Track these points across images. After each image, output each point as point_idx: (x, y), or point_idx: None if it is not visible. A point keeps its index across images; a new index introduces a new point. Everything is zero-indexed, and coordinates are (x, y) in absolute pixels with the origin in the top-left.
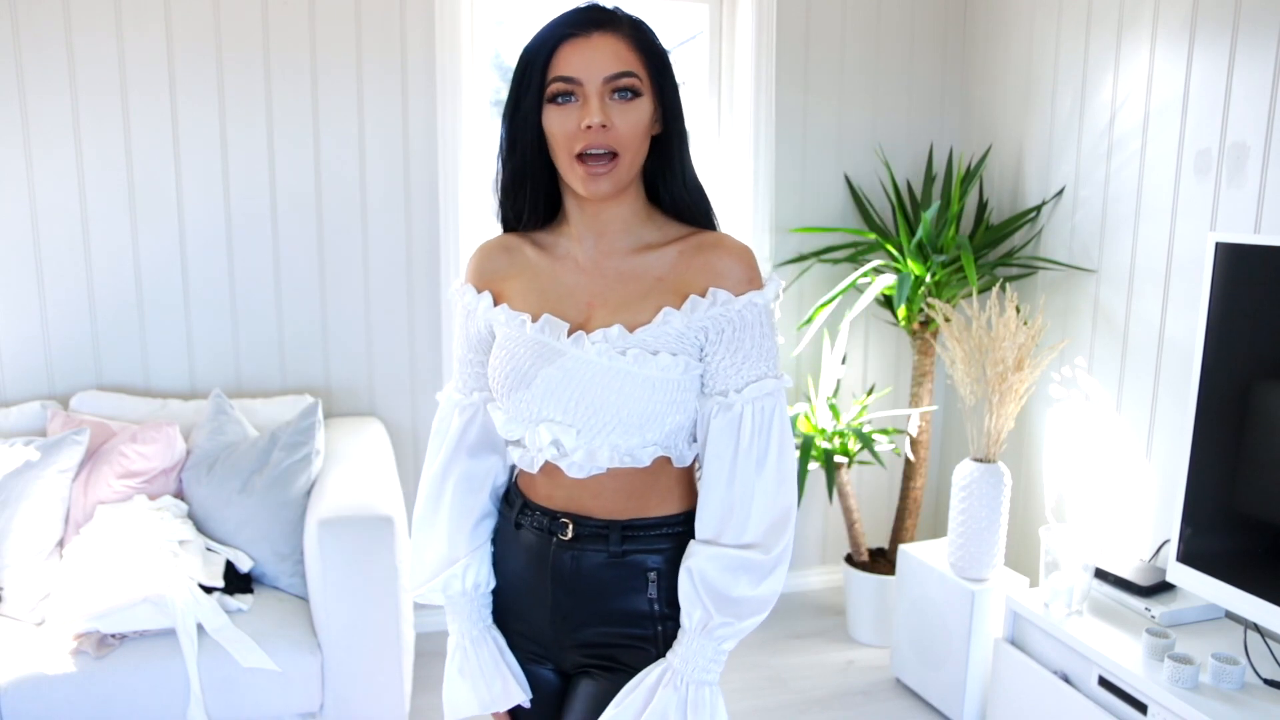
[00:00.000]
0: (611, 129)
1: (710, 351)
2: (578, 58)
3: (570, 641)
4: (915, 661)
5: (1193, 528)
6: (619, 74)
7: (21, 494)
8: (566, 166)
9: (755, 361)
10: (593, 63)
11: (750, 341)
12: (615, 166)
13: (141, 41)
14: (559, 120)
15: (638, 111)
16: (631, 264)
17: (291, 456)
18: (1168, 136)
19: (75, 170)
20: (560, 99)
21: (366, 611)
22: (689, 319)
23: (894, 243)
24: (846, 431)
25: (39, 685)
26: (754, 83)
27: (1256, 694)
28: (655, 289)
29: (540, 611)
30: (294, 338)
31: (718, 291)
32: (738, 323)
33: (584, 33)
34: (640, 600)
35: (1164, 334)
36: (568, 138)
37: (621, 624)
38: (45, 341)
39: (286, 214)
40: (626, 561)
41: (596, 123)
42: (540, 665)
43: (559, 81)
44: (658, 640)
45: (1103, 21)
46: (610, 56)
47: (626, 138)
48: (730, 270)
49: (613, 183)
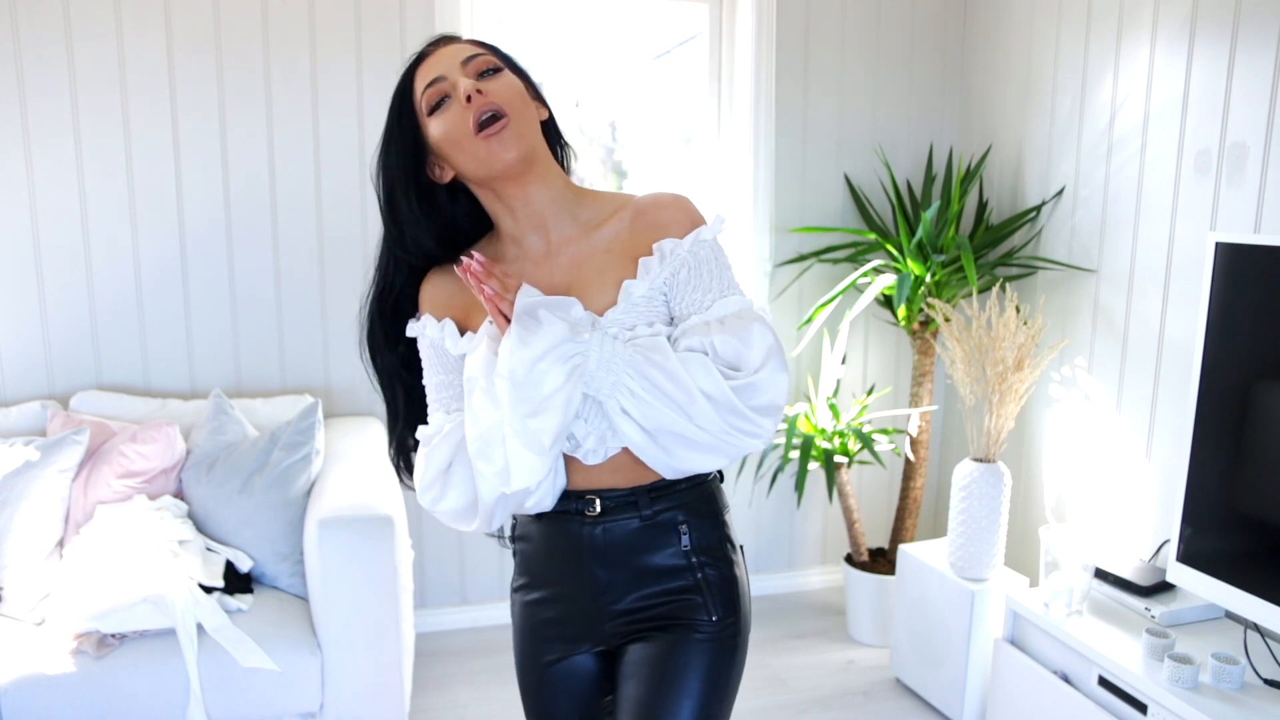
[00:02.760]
0: (488, 94)
1: (673, 299)
2: (433, 62)
3: (612, 613)
4: (915, 661)
5: (1193, 528)
6: (473, 55)
7: (21, 494)
8: (470, 153)
9: (716, 291)
10: (446, 58)
11: (708, 275)
12: (509, 123)
13: (141, 41)
14: (445, 120)
15: (505, 78)
16: (582, 246)
17: (291, 456)
18: (1168, 136)
19: (75, 170)
20: (438, 106)
21: (366, 611)
22: (648, 282)
23: (894, 243)
24: (846, 431)
25: (39, 685)
26: (754, 83)
27: (1256, 694)
28: (609, 265)
29: (578, 593)
30: (294, 338)
31: (662, 243)
32: (690, 262)
33: (432, 49)
34: (674, 554)
35: (1164, 334)
36: (459, 124)
37: (661, 581)
38: (45, 341)
39: (286, 214)
40: (658, 522)
41: (472, 88)
42: (575, 654)
43: (428, 88)
44: (700, 587)
45: (1103, 21)
46: (460, 51)
47: (505, 97)
48: (671, 219)
49: (516, 141)
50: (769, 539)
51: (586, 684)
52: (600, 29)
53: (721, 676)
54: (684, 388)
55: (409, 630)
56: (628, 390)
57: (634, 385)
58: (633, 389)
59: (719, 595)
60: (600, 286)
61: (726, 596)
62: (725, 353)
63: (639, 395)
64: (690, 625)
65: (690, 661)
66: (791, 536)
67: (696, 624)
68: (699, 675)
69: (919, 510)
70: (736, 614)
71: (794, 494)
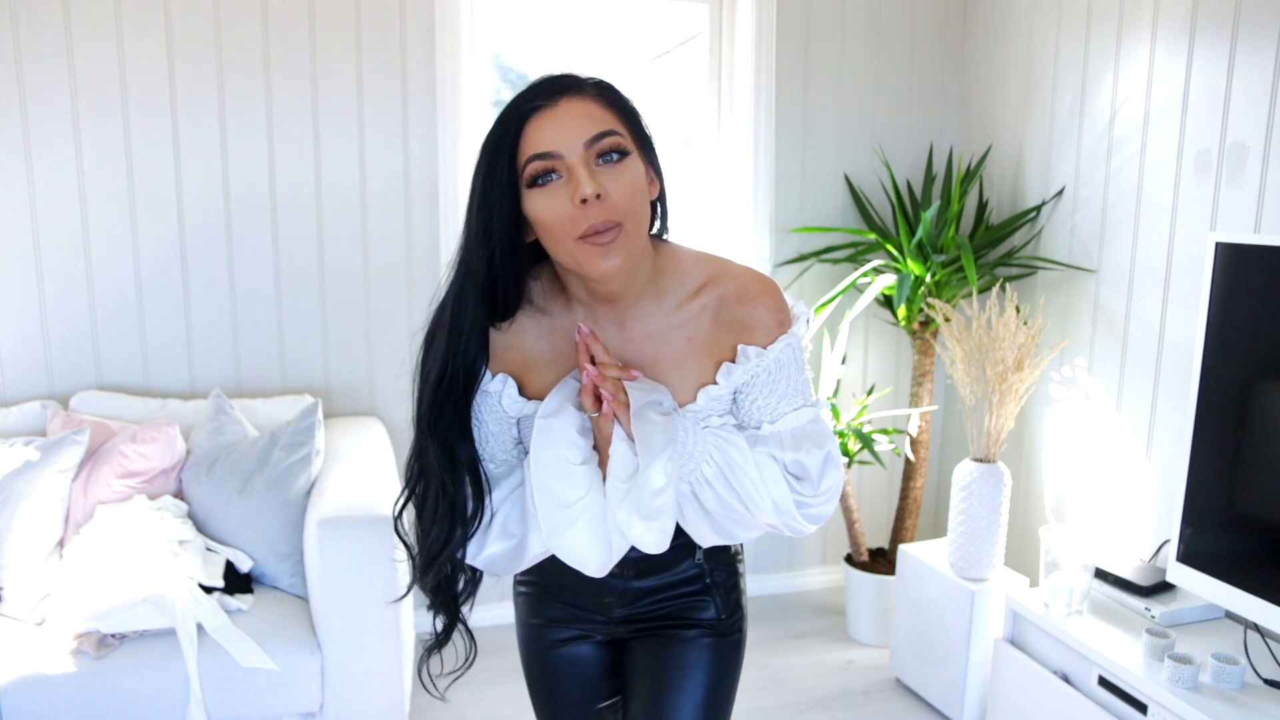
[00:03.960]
0: (607, 198)
1: (744, 397)
2: (550, 130)
3: (621, 616)
4: (915, 661)
5: (1193, 528)
6: (599, 135)
7: (21, 494)
8: (570, 253)
9: (791, 398)
10: (567, 130)
11: (785, 382)
12: (621, 234)
13: (141, 42)
14: (546, 204)
15: (629, 172)
16: (660, 324)
17: (291, 456)
18: (1168, 136)
19: (75, 170)
20: (541, 180)
21: (366, 611)
22: (729, 387)
23: (894, 243)
24: (847, 431)
25: (39, 685)
26: (754, 83)
27: (1256, 694)
28: (688, 356)
29: (589, 597)
30: (294, 338)
31: (747, 349)
32: (772, 369)
33: (550, 102)
34: (689, 564)
35: (1164, 334)
36: (563, 221)
37: (673, 588)
38: (45, 341)
39: (286, 214)
40: (676, 544)
41: (591, 193)
42: (581, 642)
43: (536, 160)
44: (709, 589)
45: (1103, 21)
46: (585, 119)
47: (625, 204)
48: (759, 321)
49: (625, 253)
50: (769, 539)
51: (591, 671)
52: (600, 29)
53: (726, 672)
54: (757, 489)
55: (409, 630)
56: (704, 479)
57: (710, 474)
58: (709, 477)
59: (724, 594)
60: (679, 379)
61: (731, 595)
62: (794, 470)
63: (713, 485)
64: (696, 622)
65: (697, 658)
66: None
67: (703, 621)
68: (705, 671)
69: (919, 510)
70: (739, 609)
71: None
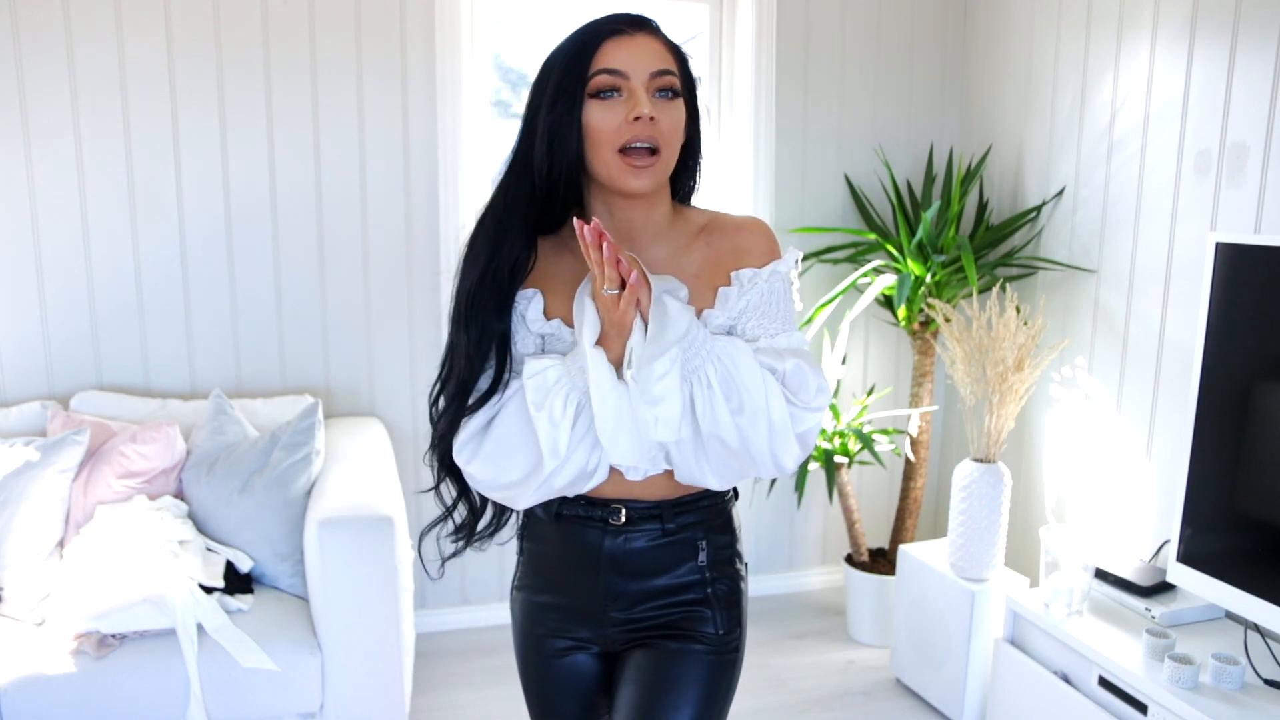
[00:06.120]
0: (658, 123)
1: (738, 326)
2: (624, 52)
3: (618, 620)
4: (915, 661)
5: (1193, 528)
6: (663, 70)
7: (21, 494)
8: (606, 161)
9: (782, 323)
10: (639, 58)
11: (776, 308)
12: (656, 162)
13: (141, 42)
14: (603, 115)
15: (677, 111)
16: (670, 269)
17: (291, 456)
18: (1168, 137)
19: (75, 170)
20: (604, 94)
21: (366, 611)
22: (726, 313)
23: (894, 243)
24: (847, 432)
25: (39, 685)
26: (754, 83)
27: (1256, 694)
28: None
29: (585, 599)
30: (294, 338)
31: (741, 273)
32: (765, 291)
33: (628, 31)
34: (691, 568)
35: (1164, 334)
36: (612, 132)
37: (673, 594)
38: (45, 341)
39: (286, 214)
40: (679, 538)
41: (647, 114)
42: (577, 652)
43: (605, 74)
44: (709, 600)
45: (1103, 21)
46: (654, 54)
47: (669, 134)
48: (752, 246)
49: (653, 178)
50: (769, 539)
51: (587, 682)
52: None
53: (719, 689)
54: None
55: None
56: (705, 379)
57: (713, 376)
58: (710, 379)
59: (725, 609)
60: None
61: (732, 610)
62: (792, 381)
63: (713, 387)
64: (694, 636)
65: (691, 673)
66: (792, 537)
67: (701, 635)
68: (698, 687)
69: (919, 510)
70: (739, 627)
71: (794, 494)
